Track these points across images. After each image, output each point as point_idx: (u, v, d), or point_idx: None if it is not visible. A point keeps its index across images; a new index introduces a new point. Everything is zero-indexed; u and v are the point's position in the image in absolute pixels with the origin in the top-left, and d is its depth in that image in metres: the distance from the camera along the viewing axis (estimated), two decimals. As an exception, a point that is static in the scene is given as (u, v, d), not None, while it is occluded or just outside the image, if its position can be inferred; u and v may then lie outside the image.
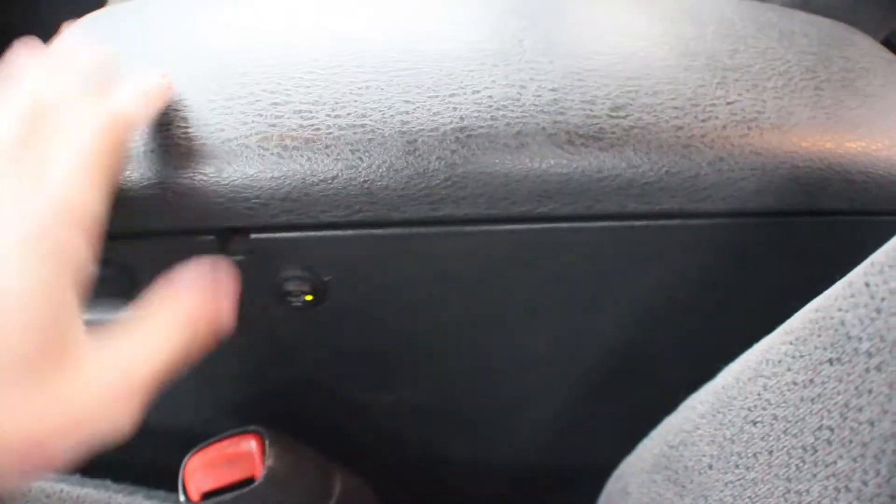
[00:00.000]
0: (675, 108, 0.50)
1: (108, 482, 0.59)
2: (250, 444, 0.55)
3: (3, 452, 0.36)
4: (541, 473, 0.71)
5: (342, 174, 0.47)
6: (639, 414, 0.54)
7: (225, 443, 0.55)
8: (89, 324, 0.53)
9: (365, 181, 0.47)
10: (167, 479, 0.58)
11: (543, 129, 0.48)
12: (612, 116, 0.49)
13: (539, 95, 0.49)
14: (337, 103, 0.48)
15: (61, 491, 0.57)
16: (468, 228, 0.50)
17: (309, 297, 0.52)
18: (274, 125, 0.47)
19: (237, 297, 0.51)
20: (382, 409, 0.63)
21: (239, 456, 0.54)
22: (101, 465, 0.59)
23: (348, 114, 0.48)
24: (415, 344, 0.58)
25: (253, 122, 0.48)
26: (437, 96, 0.49)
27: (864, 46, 0.61)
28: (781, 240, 0.53)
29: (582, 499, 0.61)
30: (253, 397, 0.61)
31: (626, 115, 0.49)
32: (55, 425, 0.37)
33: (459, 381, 0.62)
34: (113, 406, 0.40)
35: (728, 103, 0.51)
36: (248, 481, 0.54)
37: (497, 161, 0.48)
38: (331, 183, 0.47)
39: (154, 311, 0.44)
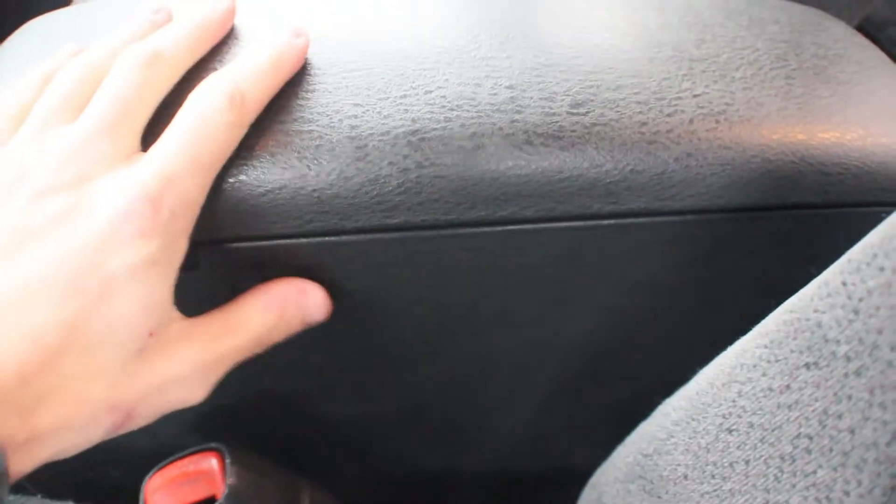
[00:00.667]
0: (639, 102, 0.48)
1: (71, 503, 0.58)
2: (211, 462, 0.53)
3: (99, 414, 0.40)
4: (515, 482, 0.69)
5: (290, 184, 0.45)
6: (613, 419, 0.53)
7: (186, 461, 0.54)
8: None
9: (314, 190, 0.45)
10: (130, 498, 0.57)
11: (500, 129, 0.46)
12: (572, 114, 0.47)
13: (495, 94, 0.47)
14: (282, 108, 0.46)
15: None
16: (425, 234, 0.48)
17: None
18: None
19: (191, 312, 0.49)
20: (349, 421, 0.61)
21: (200, 474, 0.53)
22: (63, 484, 0.58)
23: (294, 119, 0.46)
24: (379, 353, 0.56)
25: None
26: (387, 98, 0.47)
27: (837, 32, 0.60)
28: (754, 236, 0.52)
29: (557, 508, 0.59)
30: (216, 412, 0.59)
31: (588, 112, 0.47)
32: (143, 391, 0.41)
33: (427, 389, 0.60)
34: (192, 378, 0.44)
35: (695, 96, 0.50)
36: (211, 500, 0.52)
37: (452, 164, 0.46)
38: (279, 193, 0.45)
39: (245, 295, 0.47)
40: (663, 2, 0.58)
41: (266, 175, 0.45)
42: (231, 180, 0.44)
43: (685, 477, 0.41)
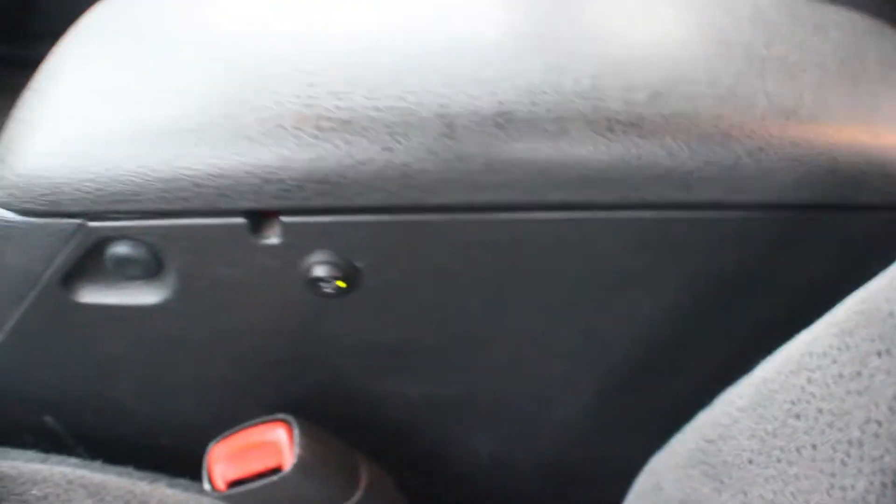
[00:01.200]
0: (715, 96, 0.50)
1: (131, 469, 0.59)
2: (278, 433, 0.54)
3: None
4: (566, 468, 0.70)
5: (379, 157, 0.46)
6: (669, 409, 0.53)
7: (251, 431, 0.55)
8: (115, 308, 0.54)
9: (403, 164, 0.46)
10: (189, 467, 0.58)
11: (583, 114, 0.47)
12: (651, 104, 0.48)
13: (578, 81, 0.49)
14: (374, 85, 0.48)
15: (82, 476, 0.57)
16: (505, 216, 0.49)
17: (341, 284, 0.51)
18: (309, 105, 0.47)
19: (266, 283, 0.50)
20: (408, 401, 0.63)
21: (266, 444, 0.54)
22: (122, 451, 0.59)
23: (385, 96, 0.47)
24: (445, 333, 0.58)
25: (288, 102, 0.47)
26: (475, 80, 0.48)
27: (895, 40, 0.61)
28: (818, 234, 0.53)
29: (607, 495, 0.60)
30: (277, 385, 0.61)
31: (666, 103, 0.49)
32: None
33: (487, 372, 0.61)
34: None
35: (766, 93, 0.51)
36: (275, 471, 0.53)
37: (537, 147, 0.47)
38: (368, 165, 0.46)
39: None
40: (731, 3, 0.59)
41: (356, 147, 0.46)
42: (320, 151, 0.46)
43: (750, 462, 0.42)
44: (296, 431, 0.54)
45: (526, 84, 0.48)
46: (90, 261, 0.52)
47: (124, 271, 0.52)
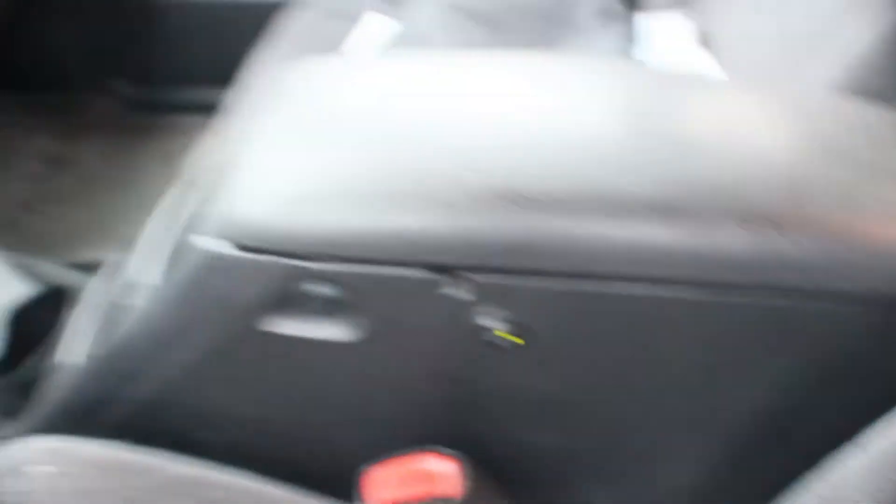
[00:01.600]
0: (834, 196, 0.58)
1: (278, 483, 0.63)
2: (446, 465, 0.59)
3: None
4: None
5: (562, 231, 0.55)
6: (776, 478, 0.58)
7: (411, 459, 0.60)
8: (300, 340, 0.60)
9: (580, 238, 0.55)
10: (331, 490, 0.63)
11: (728, 208, 0.56)
12: (782, 200, 0.56)
13: (721, 177, 0.57)
14: (558, 170, 0.57)
15: (248, 487, 0.62)
16: (660, 289, 0.57)
17: (510, 338, 0.58)
18: (507, 183, 0.55)
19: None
20: (538, 449, 0.68)
21: (428, 474, 0.59)
22: (271, 470, 0.64)
23: (568, 181, 0.56)
24: (585, 391, 0.63)
25: (489, 178, 0.56)
26: (639, 172, 0.57)
27: None
28: None
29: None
30: (429, 422, 0.66)
31: (794, 201, 0.56)
32: None
33: (613, 431, 0.67)
34: None
35: (877, 198, 0.58)
36: (436, 500, 0.58)
37: (690, 232, 0.55)
38: (553, 238, 0.55)
39: None
40: (838, 113, 0.67)
41: (549, 222, 0.55)
42: (519, 221, 0.55)
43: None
44: (465, 465, 0.59)
45: (685, 179, 0.57)
46: (288, 296, 0.58)
47: (317, 308, 0.58)
